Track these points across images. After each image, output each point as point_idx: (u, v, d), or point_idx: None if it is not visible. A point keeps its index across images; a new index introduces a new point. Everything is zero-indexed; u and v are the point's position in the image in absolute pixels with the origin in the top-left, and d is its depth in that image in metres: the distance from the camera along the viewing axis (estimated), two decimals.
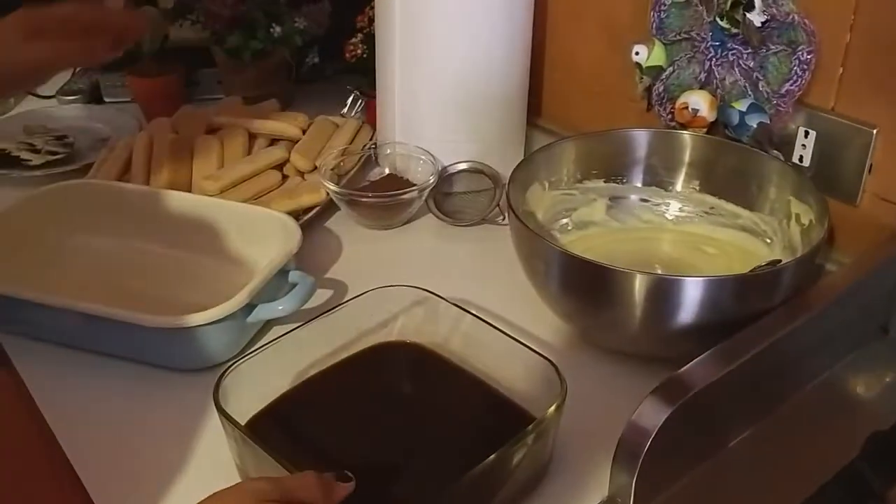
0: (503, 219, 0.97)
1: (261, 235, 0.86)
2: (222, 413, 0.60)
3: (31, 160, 1.09)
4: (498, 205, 0.97)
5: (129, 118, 1.23)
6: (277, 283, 0.80)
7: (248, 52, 1.20)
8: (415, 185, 0.98)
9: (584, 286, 0.72)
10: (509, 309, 0.83)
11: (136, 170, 1.02)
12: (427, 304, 0.73)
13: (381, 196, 0.96)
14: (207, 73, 1.29)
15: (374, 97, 1.07)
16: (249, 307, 0.76)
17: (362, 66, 1.13)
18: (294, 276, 0.81)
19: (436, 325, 0.73)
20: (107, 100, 1.30)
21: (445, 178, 1.00)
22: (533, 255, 0.76)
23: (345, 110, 1.19)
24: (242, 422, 0.64)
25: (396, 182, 1.01)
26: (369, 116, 1.14)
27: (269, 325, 0.81)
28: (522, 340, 0.67)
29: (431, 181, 0.97)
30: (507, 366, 0.68)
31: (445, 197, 1.01)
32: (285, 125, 1.09)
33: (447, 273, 0.92)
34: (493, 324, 0.70)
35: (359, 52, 1.14)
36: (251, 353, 0.66)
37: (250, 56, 1.21)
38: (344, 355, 0.72)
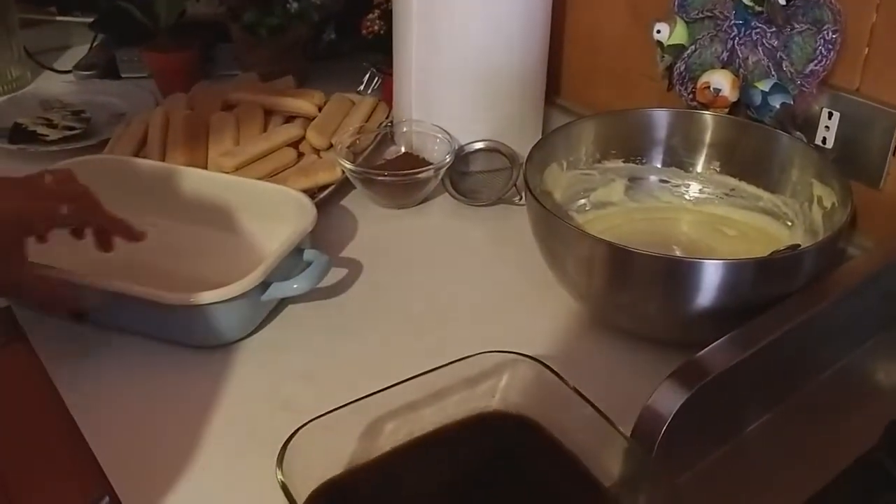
0: (520, 199, 0.96)
1: (276, 213, 0.85)
2: (283, 488, 0.52)
3: (47, 135, 1.09)
4: (515, 184, 0.96)
5: (145, 94, 1.22)
6: (292, 261, 0.79)
7: (264, 28, 1.20)
8: (431, 163, 0.98)
9: (601, 267, 0.71)
10: (525, 289, 0.83)
11: (151, 146, 1.02)
12: (536, 372, 0.63)
13: (397, 175, 0.96)
14: (224, 48, 1.29)
15: (391, 74, 1.06)
16: (264, 285, 0.76)
17: (379, 42, 1.12)
18: (309, 254, 0.81)
19: (543, 399, 0.63)
20: (123, 75, 1.30)
21: (462, 157, 0.99)
22: (549, 236, 0.75)
23: (361, 87, 1.18)
24: (305, 494, 0.55)
25: (412, 161, 1.01)
26: (386, 94, 1.13)
27: (282, 303, 0.81)
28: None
29: (448, 160, 0.96)
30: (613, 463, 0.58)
31: (462, 176, 1.00)
32: (301, 102, 1.09)
33: (462, 253, 0.91)
34: (609, 418, 0.58)
35: (376, 28, 1.13)
36: (326, 412, 0.57)
37: (266, 32, 1.20)
38: (435, 424, 0.62)
